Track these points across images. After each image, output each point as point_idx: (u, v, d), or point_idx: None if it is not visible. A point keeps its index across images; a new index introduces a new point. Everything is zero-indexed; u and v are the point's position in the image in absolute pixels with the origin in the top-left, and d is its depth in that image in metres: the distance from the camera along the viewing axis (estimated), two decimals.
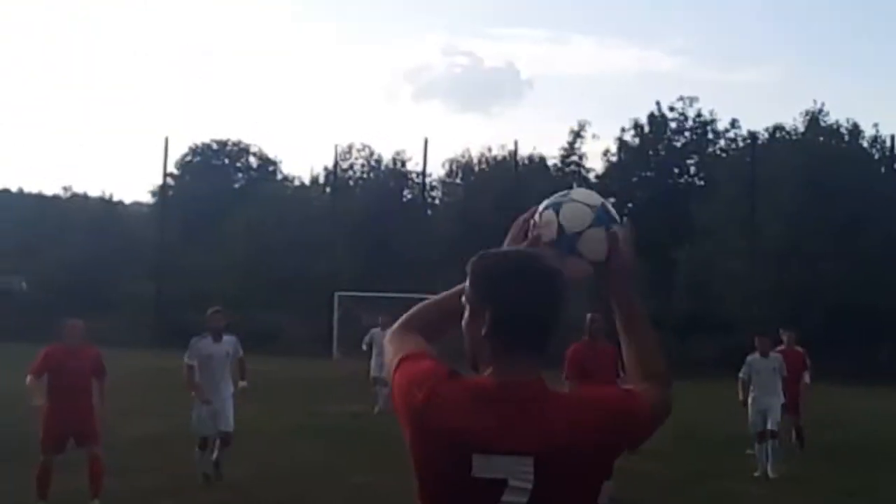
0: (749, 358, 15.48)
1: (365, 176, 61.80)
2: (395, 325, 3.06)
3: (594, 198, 3.07)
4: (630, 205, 54.26)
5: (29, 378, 10.89)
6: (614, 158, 54.66)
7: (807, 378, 16.85)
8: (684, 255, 44.55)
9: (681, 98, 53.96)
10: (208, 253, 53.04)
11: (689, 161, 54.47)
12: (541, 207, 3.05)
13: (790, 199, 43.17)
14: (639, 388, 2.79)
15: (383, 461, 14.35)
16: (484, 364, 2.70)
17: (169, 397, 22.31)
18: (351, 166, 61.53)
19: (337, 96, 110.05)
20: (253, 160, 69.00)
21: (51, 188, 72.12)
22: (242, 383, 12.12)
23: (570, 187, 3.25)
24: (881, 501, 12.31)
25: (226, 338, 12.06)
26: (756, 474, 14.47)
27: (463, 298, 2.79)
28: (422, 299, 3.16)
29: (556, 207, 3.00)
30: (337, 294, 44.93)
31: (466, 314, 2.77)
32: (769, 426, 14.73)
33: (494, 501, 2.54)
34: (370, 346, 23.53)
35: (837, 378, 32.77)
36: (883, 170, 47.39)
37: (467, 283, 2.77)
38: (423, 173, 57.49)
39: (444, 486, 2.62)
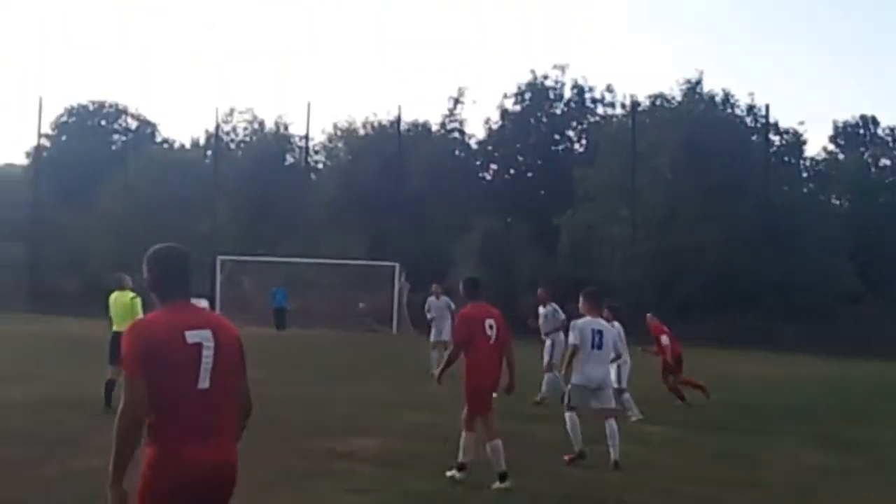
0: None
1: (247, 139, 61.19)
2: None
3: None
4: (512, 171, 54.71)
5: None
6: (496, 125, 54.91)
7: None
8: (566, 221, 45.03)
9: (556, 66, 54.65)
10: (85, 215, 51.95)
11: (569, 128, 55.05)
12: None
13: (669, 166, 43.90)
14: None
15: (265, 425, 14.24)
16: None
17: (45, 362, 21.86)
18: (233, 129, 60.91)
19: (219, 59, 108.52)
20: (131, 122, 67.75)
21: None
22: None
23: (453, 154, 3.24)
24: (754, 462, 12.62)
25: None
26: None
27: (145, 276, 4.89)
28: (304, 263, 3.30)
29: None
30: (219, 258, 44.36)
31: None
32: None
33: (199, 357, 4.60)
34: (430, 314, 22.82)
35: (713, 342, 33.53)
36: (755, 137, 48.40)
37: (144, 267, 4.87)
38: (307, 137, 57.22)
39: (173, 354, 4.55)
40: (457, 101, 55.35)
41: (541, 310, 18.75)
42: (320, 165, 61.03)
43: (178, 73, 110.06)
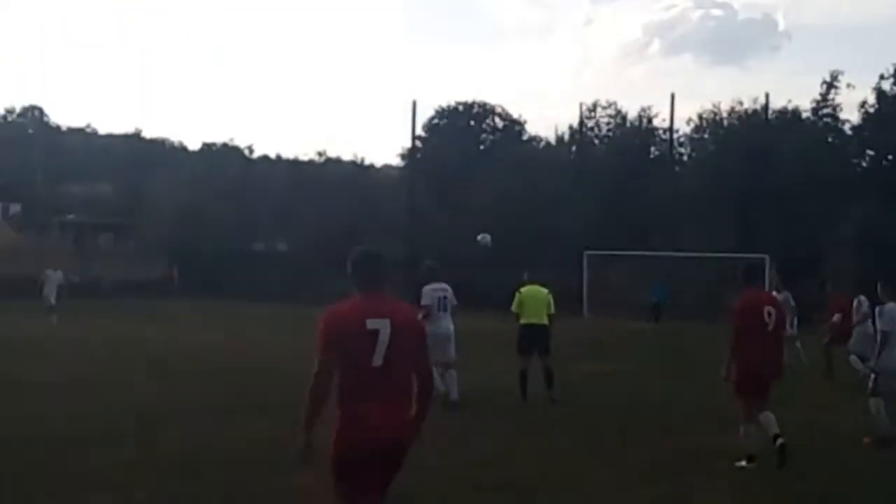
0: None
1: (610, 134, 61.15)
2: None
3: None
4: (890, 157, 51.86)
5: None
6: (872, 109, 52.07)
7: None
8: None
9: None
10: (456, 214, 53.66)
11: None
12: None
13: None
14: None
15: (634, 420, 14.29)
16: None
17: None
18: (597, 124, 61.01)
19: (582, 54, 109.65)
20: (498, 121, 69.46)
21: (306, 153, 74.80)
22: None
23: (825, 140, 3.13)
24: None
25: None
26: None
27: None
28: (669, 257, 3.22)
29: None
30: (586, 253, 44.73)
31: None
32: None
33: (375, 340, 5.78)
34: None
35: None
36: None
37: (348, 264, 6.09)
38: (671, 129, 56.45)
39: (354, 335, 5.79)
40: (830, 86, 53.04)
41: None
42: (685, 157, 60.21)
43: (541, 68, 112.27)
